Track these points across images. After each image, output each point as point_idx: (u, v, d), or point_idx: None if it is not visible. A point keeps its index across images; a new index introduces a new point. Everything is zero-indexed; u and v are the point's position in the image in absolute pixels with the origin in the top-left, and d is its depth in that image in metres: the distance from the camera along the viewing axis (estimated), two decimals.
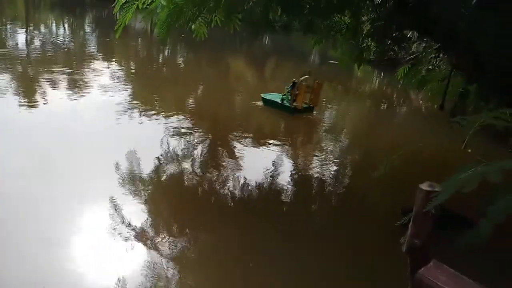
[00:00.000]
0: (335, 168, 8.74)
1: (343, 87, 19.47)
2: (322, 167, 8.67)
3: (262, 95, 12.35)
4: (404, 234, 2.82)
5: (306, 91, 11.69)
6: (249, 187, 7.15)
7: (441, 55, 7.69)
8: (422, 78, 7.94)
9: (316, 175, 8.26)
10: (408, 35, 8.85)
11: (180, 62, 21.64)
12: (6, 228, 5.00)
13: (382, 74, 22.26)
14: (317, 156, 9.26)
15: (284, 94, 11.94)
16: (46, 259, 4.66)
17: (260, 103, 12.35)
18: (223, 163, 8.10)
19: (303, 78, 11.63)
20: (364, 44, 7.45)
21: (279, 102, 11.92)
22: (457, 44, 5.78)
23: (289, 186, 7.53)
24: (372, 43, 7.48)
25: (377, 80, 22.85)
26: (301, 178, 8.07)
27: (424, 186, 2.72)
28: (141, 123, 9.97)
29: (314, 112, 12.36)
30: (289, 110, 11.74)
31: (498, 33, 4.76)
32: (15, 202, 5.55)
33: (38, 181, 6.20)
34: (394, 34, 7.19)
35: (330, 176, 8.31)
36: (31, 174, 6.32)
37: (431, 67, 7.94)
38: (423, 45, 8.72)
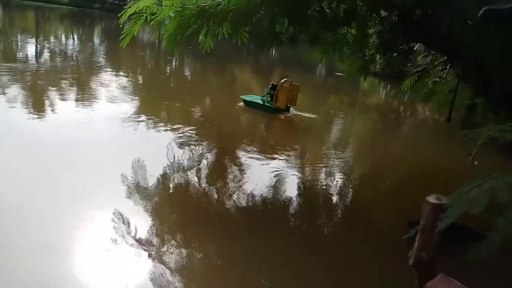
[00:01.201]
0: (340, 179, 8.71)
1: (350, 99, 19.51)
2: (327, 179, 8.65)
3: (242, 96, 13.38)
4: (411, 247, 2.80)
5: (287, 92, 12.68)
6: (254, 199, 7.13)
7: (447, 68, 7.69)
8: (429, 90, 7.94)
9: (321, 187, 8.23)
10: (415, 48, 8.87)
11: (187, 73, 21.83)
12: (10, 237, 5.00)
13: (388, 86, 22.29)
14: (323, 168, 9.23)
15: (264, 96, 13.03)
16: (49, 269, 4.65)
17: (241, 103, 13.30)
18: (229, 174, 8.09)
19: (283, 80, 12.66)
20: (371, 57, 7.48)
21: (261, 103, 12.93)
22: (463, 56, 5.78)
23: (294, 198, 7.51)
24: (378, 56, 7.52)
25: (383, 92, 22.86)
26: (306, 190, 8.04)
27: (431, 199, 2.71)
28: (147, 133, 10.02)
29: (290, 112, 13.31)
30: (271, 110, 12.83)
31: (504, 45, 4.76)
32: (19, 211, 5.56)
33: (43, 190, 6.20)
34: (400, 47, 7.23)
35: (335, 188, 8.28)
36: (36, 183, 6.34)
37: (438, 79, 7.95)
38: (430, 57, 8.73)
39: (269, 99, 12.90)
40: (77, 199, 6.08)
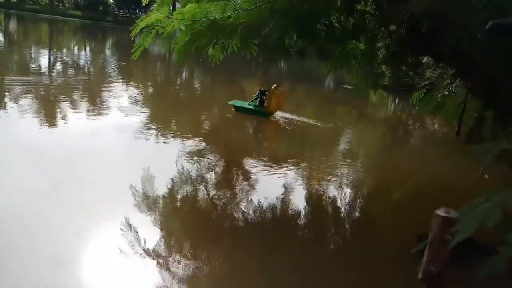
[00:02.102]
0: (348, 192, 8.68)
1: (358, 111, 19.50)
2: (335, 191, 8.62)
3: (231, 102, 13.95)
4: (420, 261, 2.79)
5: (275, 97, 13.57)
6: (262, 211, 7.12)
7: (456, 81, 7.67)
8: (438, 103, 7.91)
9: (329, 199, 8.20)
10: (424, 61, 8.87)
11: (197, 85, 22.00)
12: (18, 247, 5.04)
13: (397, 99, 22.24)
14: (331, 180, 9.20)
15: (252, 101, 13.79)
16: (57, 279, 4.67)
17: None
18: (238, 186, 8.11)
19: (273, 87, 13.51)
20: (379, 70, 7.49)
21: (253, 108, 13.61)
22: (472, 70, 5.78)
23: (301, 210, 7.48)
24: (387, 69, 7.53)
25: (392, 105, 22.81)
26: (314, 202, 8.02)
27: (441, 212, 2.69)
28: (157, 144, 10.11)
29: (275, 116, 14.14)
30: (263, 114, 13.70)
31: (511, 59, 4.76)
32: (28, 221, 5.61)
33: (53, 200, 6.26)
34: (408, 60, 7.24)
35: (344, 200, 8.24)
36: (45, 193, 6.39)
37: (446, 92, 7.92)
38: (439, 70, 8.72)
39: (257, 104, 13.68)
40: (86, 210, 6.12)
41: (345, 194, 8.59)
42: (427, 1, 4.87)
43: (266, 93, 13.70)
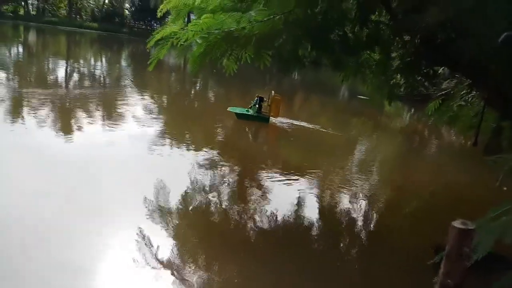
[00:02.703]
0: (364, 203, 8.60)
1: (373, 122, 19.40)
2: (350, 201, 8.55)
3: (230, 109, 14.37)
4: (437, 274, 2.75)
5: (273, 103, 14.09)
6: (277, 222, 7.10)
7: (473, 91, 7.58)
8: (454, 113, 7.81)
9: (343, 209, 8.14)
10: (439, 71, 8.79)
11: (211, 96, 22.14)
12: (31, 255, 5.10)
13: (412, 110, 22.05)
14: (345, 190, 9.14)
15: (251, 107, 14.27)
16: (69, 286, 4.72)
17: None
18: (251, 197, 8.10)
19: (272, 93, 14.15)
20: (394, 80, 7.45)
21: (253, 114, 14.06)
22: (487, 80, 5.71)
23: (317, 220, 7.44)
24: (402, 79, 7.48)
25: (407, 116, 22.62)
26: (328, 212, 7.97)
27: (457, 224, 2.66)
28: (171, 153, 10.20)
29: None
30: (265, 120, 14.20)
31: None
32: (42, 229, 5.68)
33: (67, 209, 6.32)
34: (424, 70, 7.19)
35: (359, 211, 8.17)
36: (61, 202, 6.47)
37: (463, 102, 7.83)
38: (454, 80, 8.63)
39: (256, 110, 14.18)
40: (100, 218, 6.18)
41: (360, 203, 8.52)
42: (442, 13, 4.86)
43: (265, 99, 14.30)
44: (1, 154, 8.22)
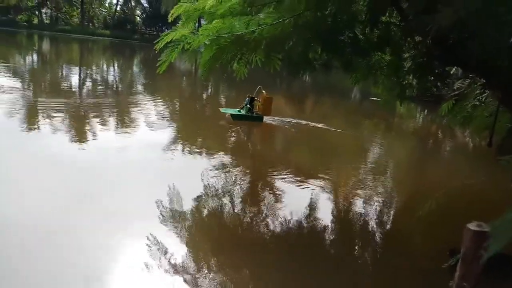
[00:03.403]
0: (378, 205, 8.51)
1: (386, 123, 19.27)
2: (364, 203, 8.47)
3: (223, 110, 14.92)
4: (452, 276, 2.71)
5: (264, 102, 14.26)
6: (289, 225, 7.07)
7: (486, 91, 7.48)
8: (468, 114, 7.71)
9: (357, 212, 8.07)
10: (452, 71, 8.69)
11: (222, 100, 22.21)
12: (47, 262, 5.16)
13: (425, 111, 21.84)
14: (359, 192, 9.06)
15: (243, 108, 14.54)
16: None
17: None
18: (264, 200, 8.08)
19: (264, 92, 14.42)
20: (406, 81, 7.39)
21: (246, 114, 14.34)
22: (500, 80, 5.63)
23: (330, 223, 7.39)
24: (414, 80, 7.41)
25: (420, 117, 22.41)
26: (342, 215, 7.92)
27: (472, 226, 2.62)
28: (183, 158, 10.25)
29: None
30: (259, 119, 14.47)
31: None
32: (57, 235, 5.71)
33: (82, 215, 6.36)
34: (436, 70, 7.12)
35: (373, 214, 8.09)
36: (75, 208, 6.52)
37: (477, 102, 7.72)
38: (468, 80, 8.52)
39: (247, 110, 14.46)
40: (113, 223, 6.23)
41: (373, 205, 8.43)
42: (454, 13, 4.80)
43: (256, 99, 14.56)
44: (17, 159, 8.33)
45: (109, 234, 5.90)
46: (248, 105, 14.46)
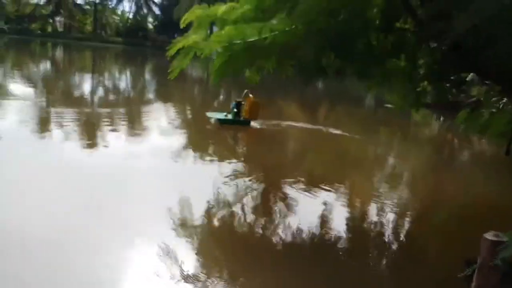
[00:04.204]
0: (391, 214, 8.38)
1: (401, 131, 19.13)
2: (377, 213, 8.34)
3: (209, 114, 14.93)
4: (469, 287, 2.63)
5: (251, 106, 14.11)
6: (302, 235, 6.97)
7: (504, 98, 7.34)
8: (485, 121, 7.57)
9: (371, 221, 7.95)
10: (468, 78, 8.57)
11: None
12: (55, 268, 5.12)
13: (441, 118, 21.60)
14: (372, 201, 8.92)
15: (230, 113, 14.39)
16: None
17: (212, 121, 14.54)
18: (276, 209, 8.01)
19: (251, 96, 14.13)
20: (421, 88, 7.28)
21: (232, 119, 14.24)
22: None
23: (344, 232, 7.27)
24: (429, 87, 7.30)
25: (436, 124, 22.18)
26: (355, 224, 7.80)
27: (489, 236, 2.57)
28: (194, 165, 10.23)
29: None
30: (246, 123, 14.37)
31: None
32: (65, 242, 5.68)
33: (91, 221, 6.34)
34: (452, 77, 7.01)
35: (386, 222, 7.96)
36: (85, 214, 6.50)
37: (494, 110, 7.58)
38: (485, 87, 8.37)
39: (234, 115, 14.31)
40: (124, 231, 6.20)
41: (387, 214, 8.30)
42: (469, 19, 4.72)
43: (242, 103, 14.38)
44: (29, 167, 8.38)
45: (120, 241, 5.88)
46: (235, 110, 14.27)
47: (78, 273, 5.07)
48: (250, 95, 14.20)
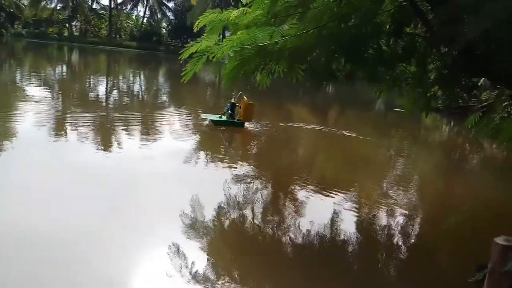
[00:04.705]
0: (401, 218, 8.36)
1: (411, 135, 19.01)
2: (387, 217, 8.33)
3: (204, 116, 15.25)
4: None
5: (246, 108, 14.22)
6: (312, 237, 7.01)
7: None
8: (496, 126, 7.51)
9: (380, 225, 7.94)
10: (479, 83, 8.53)
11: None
12: (70, 270, 5.21)
13: (451, 123, 21.42)
14: (382, 205, 8.92)
15: (224, 114, 14.51)
16: None
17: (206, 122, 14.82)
18: (287, 210, 8.06)
19: (245, 98, 14.26)
20: (431, 92, 7.28)
21: (229, 120, 14.33)
22: None
23: (353, 236, 7.29)
24: (439, 91, 7.29)
25: (446, 129, 21.99)
26: (364, 228, 7.80)
27: (500, 240, 2.56)
28: (206, 168, 10.35)
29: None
30: (240, 125, 14.45)
31: None
32: (80, 244, 5.77)
33: (104, 224, 6.47)
34: (462, 82, 6.99)
35: (396, 226, 7.95)
36: (98, 216, 6.63)
37: (505, 114, 7.52)
38: (495, 92, 8.32)
39: (228, 116, 14.41)
40: (138, 233, 6.30)
41: (398, 219, 8.28)
42: (480, 25, 4.73)
43: (237, 105, 14.51)
44: (44, 169, 8.57)
45: (131, 242, 5.99)
46: (229, 111, 14.37)
47: (91, 272, 5.18)
48: (245, 97, 14.33)
